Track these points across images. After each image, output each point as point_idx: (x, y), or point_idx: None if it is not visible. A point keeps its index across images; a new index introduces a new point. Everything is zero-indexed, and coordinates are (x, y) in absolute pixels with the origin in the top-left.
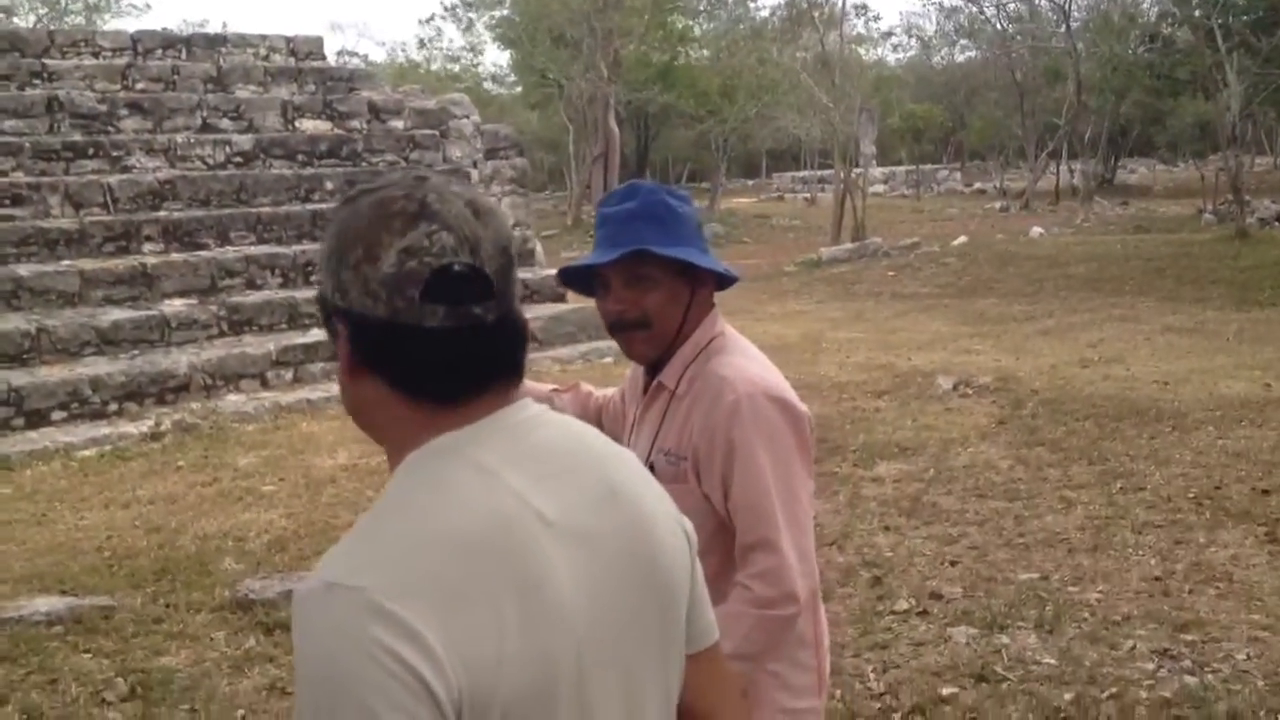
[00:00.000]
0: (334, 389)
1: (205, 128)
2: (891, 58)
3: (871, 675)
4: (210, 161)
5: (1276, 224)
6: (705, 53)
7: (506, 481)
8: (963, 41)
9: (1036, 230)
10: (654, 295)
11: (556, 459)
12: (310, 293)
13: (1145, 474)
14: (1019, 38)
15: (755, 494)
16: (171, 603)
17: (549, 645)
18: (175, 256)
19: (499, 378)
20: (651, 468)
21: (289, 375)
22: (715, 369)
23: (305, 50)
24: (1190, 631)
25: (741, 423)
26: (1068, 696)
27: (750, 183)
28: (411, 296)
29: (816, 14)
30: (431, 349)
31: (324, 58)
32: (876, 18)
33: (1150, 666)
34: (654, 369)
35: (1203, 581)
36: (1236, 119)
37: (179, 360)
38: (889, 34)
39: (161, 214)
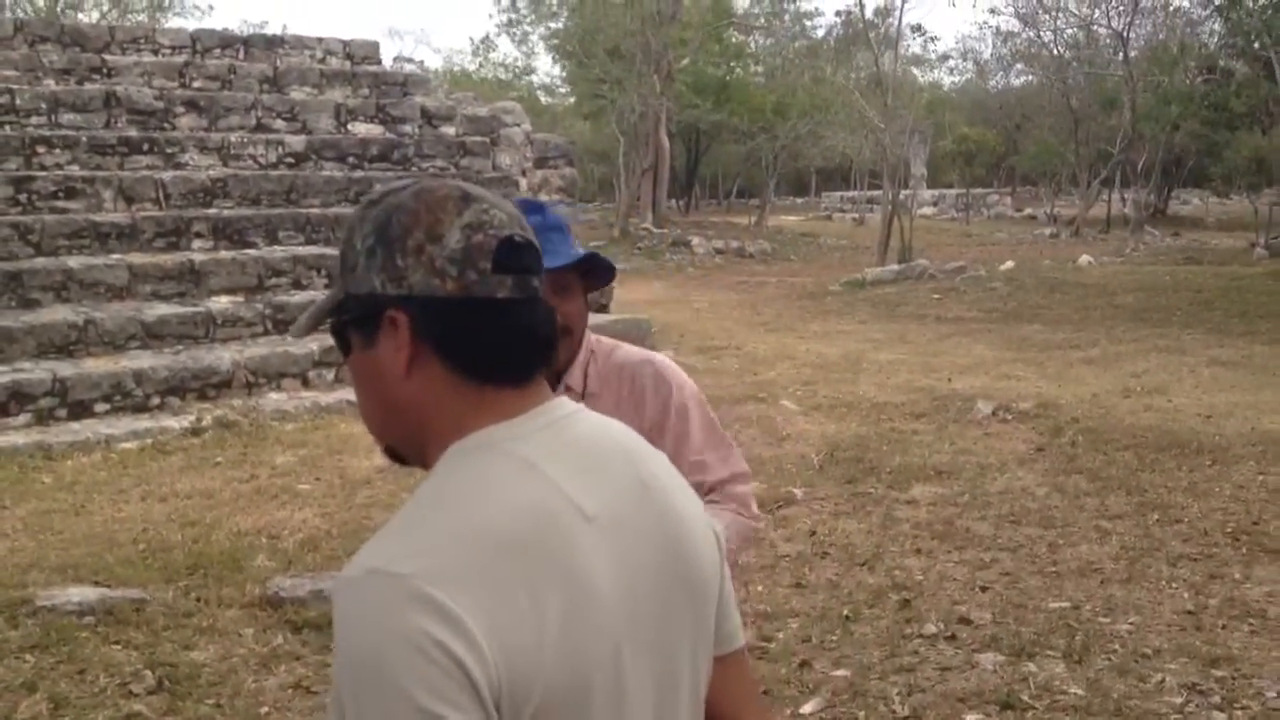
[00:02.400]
0: None
1: (259, 127)
2: (947, 80)
3: (896, 698)
4: (262, 161)
5: None
6: (760, 69)
7: (548, 476)
8: (1019, 66)
9: (1085, 258)
10: (573, 303)
11: (593, 454)
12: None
13: (1183, 507)
14: (1076, 64)
15: (713, 440)
16: (203, 597)
17: (588, 640)
18: (224, 254)
19: (546, 360)
20: None
21: (330, 376)
22: (627, 358)
23: (361, 54)
24: (1221, 667)
25: (680, 389)
26: None
27: (799, 201)
28: (484, 268)
29: (872, 34)
30: (502, 320)
31: (379, 62)
32: (933, 39)
33: (1179, 701)
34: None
35: (1236, 617)
36: None
37: (222, 357)
38: (945, 57)
39: (212, 211)
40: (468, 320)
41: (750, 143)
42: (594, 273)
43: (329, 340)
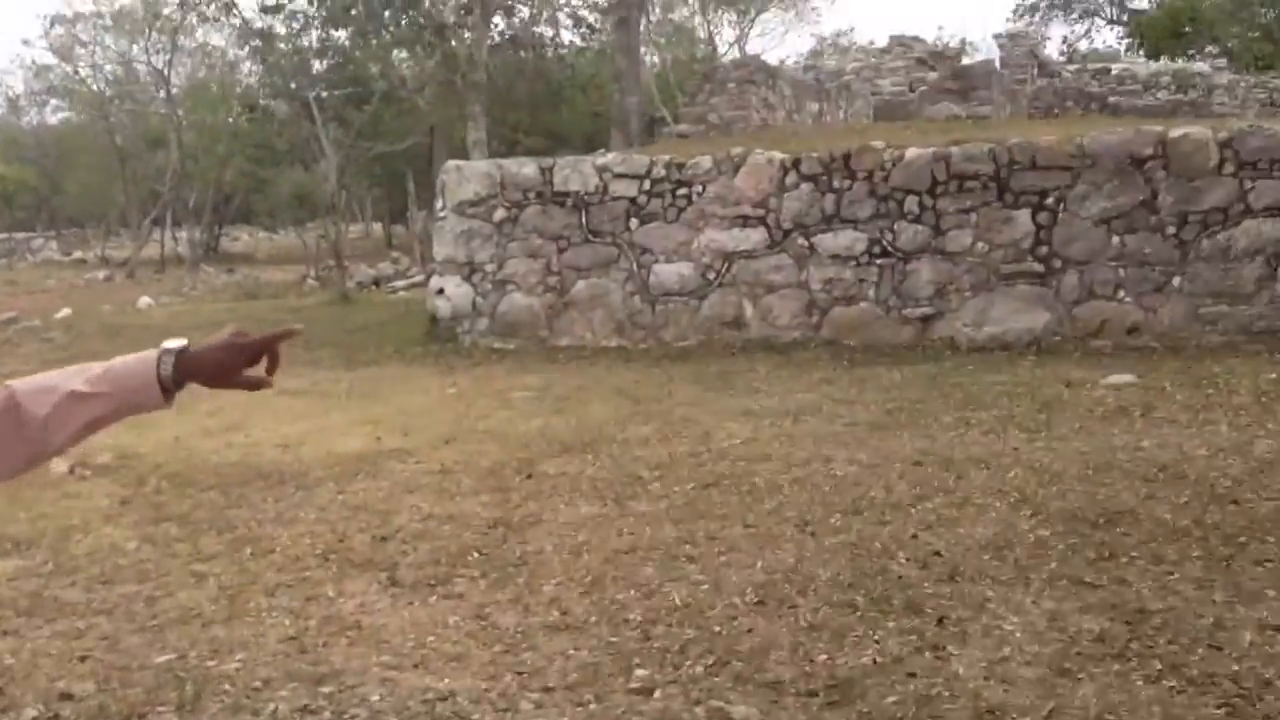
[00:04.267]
0: None
1: None
2: None
3: None
4: None
5: (373, 288)
6: None
7: None
8: (55, 102)
9: (145, 300)
10: None
11: None
12: None
13: (274, 537)
14: (118, 101)
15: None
16: None
17: None
18: None
19: None
20: None
21: None
22: None
23: None
24: (328, 684)
25: None
26: None
27: None
28: None
29: None
30: None
31: None
32: None
33: None
34: None
35: (335, 633)
36: (335, 188)
37: None
38: None
39: None
40: None
41: None
42: None
43: None
